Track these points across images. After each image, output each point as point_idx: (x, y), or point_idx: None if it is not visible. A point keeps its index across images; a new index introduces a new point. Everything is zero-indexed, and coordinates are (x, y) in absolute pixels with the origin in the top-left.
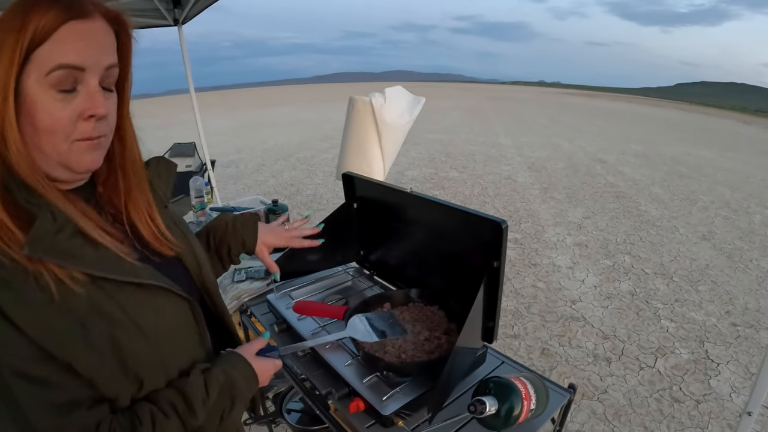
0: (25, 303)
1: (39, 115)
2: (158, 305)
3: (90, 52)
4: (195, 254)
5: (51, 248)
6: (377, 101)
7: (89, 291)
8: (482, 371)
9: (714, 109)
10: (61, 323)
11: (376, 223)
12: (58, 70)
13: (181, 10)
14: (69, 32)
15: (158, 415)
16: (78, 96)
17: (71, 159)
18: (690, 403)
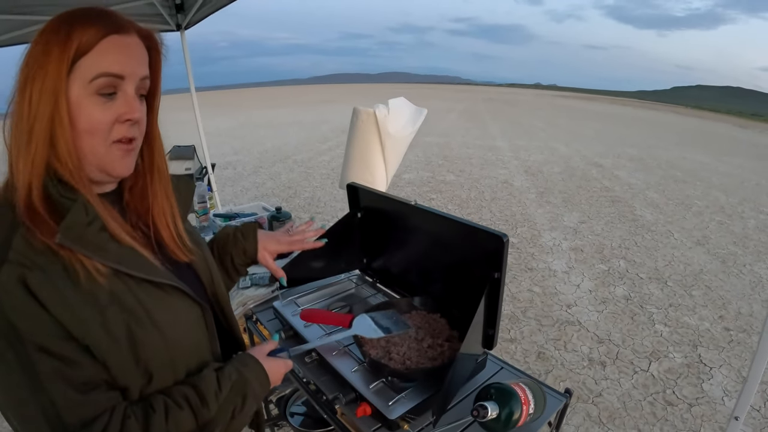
0: (52, 284)
1: (81, 117)
2: (173, 305)
3: (128, 62)
4: (207, 264)
5: (80, 238)
6: (381, 113)
7: (111, 283)
8: (483, 376)
9: (710, 113)
10: (83, 307)
11: (379, 233)
12: (101, 77)
13: (184, 15)
14: (110, 45)
15: (171, 406)
16: (116, 101)
17: (108, 162)
18: (683, 407)
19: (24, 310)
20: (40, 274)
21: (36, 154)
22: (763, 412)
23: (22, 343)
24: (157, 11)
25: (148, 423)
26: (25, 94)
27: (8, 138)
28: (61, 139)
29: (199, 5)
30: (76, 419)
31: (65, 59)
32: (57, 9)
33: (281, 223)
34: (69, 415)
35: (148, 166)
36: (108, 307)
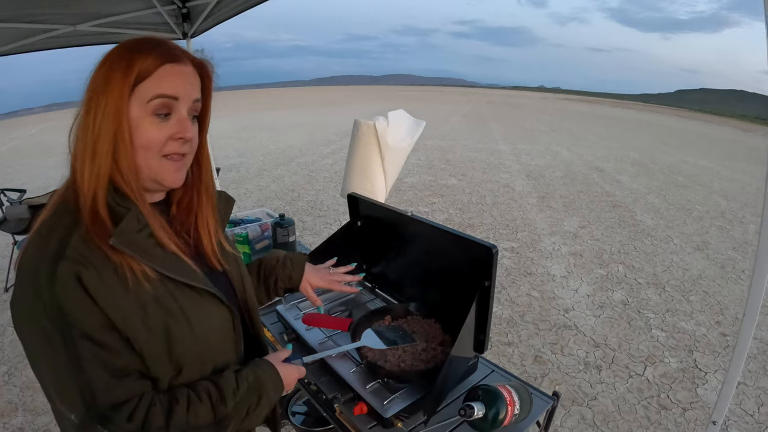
0: (103, 281)
1: (139, 134)
2: (207, 308)
3: (182, 86)
4: (241, 274)
5: (131, 243)
6: (381, 125)
7: (154, 284)
8: (474, 378)
9: (713, 116)
10: (127, 303)
11: (378, 241)
12: (157, 99)
13: (190, 24)
14: (166, 72)
15: (193, 398)
16: (171, 121)
17: (160, 173)
18: (677, 411)
19: (75, 300)
20: (93, 271)
21: (101, 168)
22: (756, 417)
23: (70, 328)
24: (164, 20)
25: (171, 411)
26: (90, 112)
27: (73, 148)
28: (122, 154)
29: (206, 16)
30: (108, 401)
31: (127, 83)
32: (65, 18)
33: (285, 229)
34: (102, 396)
35: (197, 182)
36: (149, 305)
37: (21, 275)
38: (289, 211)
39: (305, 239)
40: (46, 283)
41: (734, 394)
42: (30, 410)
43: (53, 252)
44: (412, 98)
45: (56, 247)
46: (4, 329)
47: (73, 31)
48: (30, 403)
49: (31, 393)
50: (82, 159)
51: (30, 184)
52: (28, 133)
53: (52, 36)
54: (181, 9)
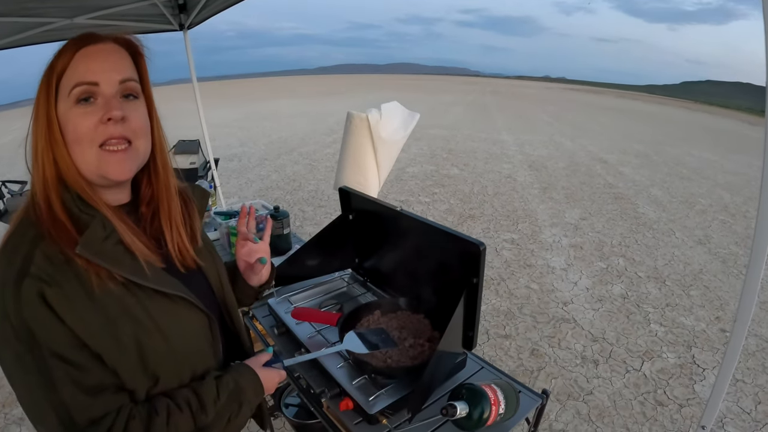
0: (67, 299)
1: (69, 129)
2: (180, 314)
3: (100, 68)
4: (218, 272)
5: (98, 252)
6: (374, 117)
7: (122, 293)
8: (462, 375)
9: (719, 109)
10: (95, 319)
11: (370, 234)
12: (76, 87)
13: (187, 15)
14: (81, 57)
15: (173, 409)
16: (96, 105)
17: (101, 167)
18: (673, 407)
19: (42, 320)
20: (57, 289)
21: (44, 171)
22: (753, 415)
23: (39, 348)
24: (159, 11)
25: (151, 424)
26: (32, 123)
27: (28, 161)
28: (58, 154)
29: (202, 6)
30: (84, 419)
31: (51, 84)
32: (62, 11)
33: (279, 222)
34: (78, 415)
35: (154, 172)
36: (119, 319)
37: None
38: (290, 201)
39: (306, 229)
40: (12, 303)
41: (732, 391)
42: None
43: (18, 270)
44: (416, 87)
45: (20, 265)
46: None
47: (70, 24)
48: None
49: None
50: (32, 170)
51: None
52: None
53: (49, 29)
54: (177, 0)
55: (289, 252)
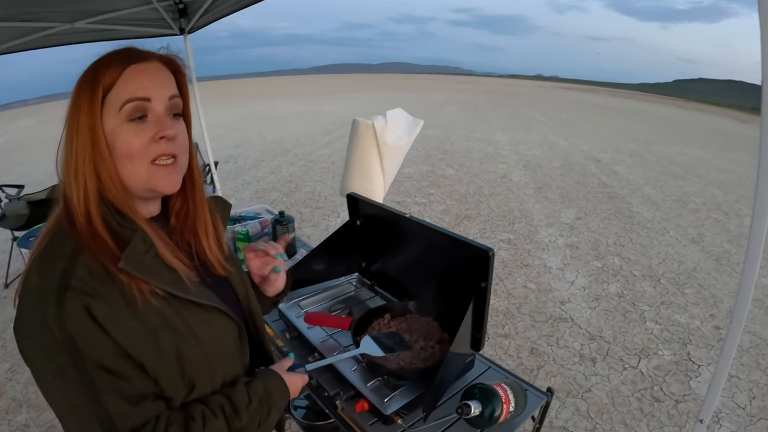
0: (111, 311)
1: (118, 144)
2: (214, 323)
3: (151, 85)
4: (243, 281)
5: (139, 265)
6: (379, 124)
7: (162, 305)
8: (471, 375)
9: (711, 107)
10: (138, 330)
11: (377, 239)
12: (128, 103)
13: (187, 19)
14: (131, 74)
15: (208, 415)
16: (148, 123)
17: (151, 180)
18: (670, 403)
19: (87, 332)
20: (101, 302)
21: (86, 186)
22: (748, 410)
23: (83, 359)
24: (160, 16)
25: (188, 429)
26: (68, 137)
27: (60, 174)
28: (102, 169)
29: (203, 11)
30: (126, 426)
31: (96, 97)
32: (62, 16)
33: (284, 226)
34: (121, 423)
35: (190, 186)
36: (159, 329)
37: (25, 309)
38: (287, 203)
39: (303, 231)
40: (54, 316)
41: (727, 387)
42: (34, 406)
43: (58, 283)
44: (409, 87)
45: (60, 278)
46: (6, 326)
47: (70, 28)
48: (34, 399)
49: (35, 389)
50: (68, 182)
51: (27, 178)
52: (24, 125)
53: (49, 34)
54: (177, 4)
55: (294, 255)
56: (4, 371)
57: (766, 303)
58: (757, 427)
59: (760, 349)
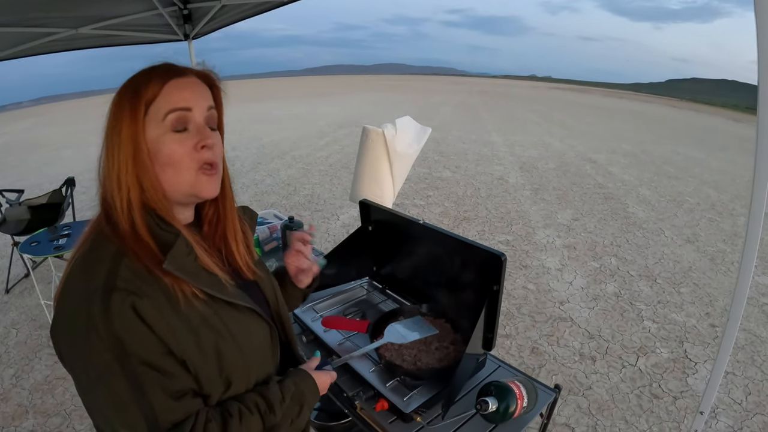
0: (156, 309)
1: (163, 153)
2: (249, 324)
3: (191, 96)
4: (272, 284)
5: (182, 267)
6: (389, 132)
7: (202, 306)
8: (483, 374)
9: (705, 106)
10: (181, 328)
11: (388, 245)
12: (171, 113)
13: (192, 26)
14: (172, 87)
15: (244, 411)
16: (190, 133)
17: (196, 186)
18: (668, 399)
19: (133, 330)
20: (147, 300)
21: (130, 196)
22: (744, 406)
23: (129, 357)
24: (165, 21)
25: (226, 425)
26: (109, 148)
27: (102, 180)
28: (145, 177)
29: (209, 19)
30: (169, 421)
31: (139, 110)
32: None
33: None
34: (164, 418)
35: (221, 193)
36: (200, 327)
37: (68, 311)
38: (286, 206)
39: None
40: (100, 314)
41: (723, 383)
42: (41, 412)
43: (103, 284)
44: (403, 88)
45: (105, 279)
46: (8, 331)
47: (75, 34)
48: (40, 405)
49: (40, 395)
50: (111, 191)
51: (24, 182)
52: (19, 128)
53: (55, 39)
54: (182, 10)
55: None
56: (8, 377)
57: (761, 301)
58: (753, 421)
59: (755, 346)
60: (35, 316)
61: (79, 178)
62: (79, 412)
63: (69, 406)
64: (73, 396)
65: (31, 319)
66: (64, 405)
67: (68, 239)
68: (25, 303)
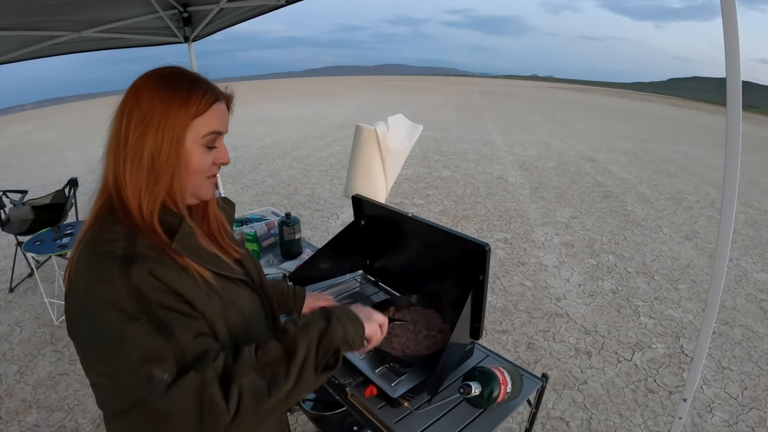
0: (172, 273)
1: (193, 161)
2: (244, 294)
3: (224, 122)
4: (254, 262)
5: (188, 247)
6: (381, 130)
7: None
8: (471, 362)
9: (706, 105)
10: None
11: (380, 238)
12: (210, 134)
13: (192, 28)
14: (216, 111)
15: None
16: (216, 151)
17: (202, 190)
18: (663, 394)
19: (152, 285)
20: (163, 267)
21: (161, 190)
22: (740, 400)
23: (150, 305)
24: (165, 24)
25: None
26: (146, 139)
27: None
28: (177, 177)
29: (208, 21)
30: (192, 355)
31: (188, 117)
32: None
33: (291, 228)
34: (189, 351)
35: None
36: (210, 294)
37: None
38: (286, 206)
39: (303, 233)
40: (119, 276)
41: (719, 378)
42: (44, 407)
43: (122, 255)
44: (405, 88)
45: (123, 252)
46: (12, 329)
47: (78, 37)
48: (44, 400)
49: (44, 390)
50: (137, 181)
51: (27, 183)
52: (21, 130)
53: (58, 42)
54: (182, 13)
55: (300, 255)
56: (12, 373)
57: (758, 297)
58: (749, 416)
59: (752, 342)
60: (39, 314)
61: (82, 180)
62: (82, 407)
63: (72, 400)
64: (75, 391)
65: (35, 317)
66: (67, 400)
67: (71, 238)
68: (29, 301)
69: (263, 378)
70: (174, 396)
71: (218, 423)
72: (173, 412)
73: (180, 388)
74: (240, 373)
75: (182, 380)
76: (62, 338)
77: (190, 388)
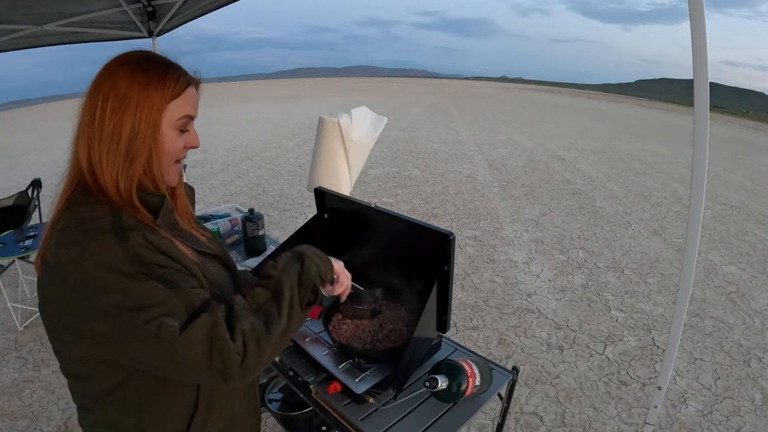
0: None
1: (167, 144)
2: (221, 270)
3: (196, 107)
4: (218, 242)
5: (170, 222)
6: (344, 122)
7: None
8: (438, 356)
9: (674, 105)
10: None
11: (344, 231)
12: (184, 118)
13: (156, 22)
14: (190, 94)
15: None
16: (188, 134)
17: (169, 174)
18: (636, 386)
19: (149, 248)
20: (151, 233)
21: (137, 170)
22: (713, 390)
23: (149, 266)
24: (129, 18)
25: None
26: (124, 122)
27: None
28: (155, 160)
29: (172, 14)
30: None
31: (165, 100)
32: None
33: (254, 224)
34: (195, 299)
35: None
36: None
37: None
38: (255, 206)
39: (272, 233)
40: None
41: (692, 369)
42: (8, 415)
43: (112, 229)
44: (375, 90)
45: (112, 226)
46: None
47: (39, 31)
48: (8, 408)
49: (7, 398)
50: (114, 162)
51: None
52: None
53: (19, 36)
54: (146, 7)
55: (264, 252)
56: None
57: (727, 290)
58: (723, 405)
59: (722, 333)
60: (2, 320)
61: (46, 182)
62: (47, 414)
63: (37, 408)
64: (40, 398)
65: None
66: (32, 407)
67: (34, 240)
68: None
69: (260, 319)
70: (189, 336)
71: (229, 365)
72: (184, 356)
73: (194, 327)
74: (240, 316)
75: (196, 321)
76: (26, 344)
77: (203, 326)
